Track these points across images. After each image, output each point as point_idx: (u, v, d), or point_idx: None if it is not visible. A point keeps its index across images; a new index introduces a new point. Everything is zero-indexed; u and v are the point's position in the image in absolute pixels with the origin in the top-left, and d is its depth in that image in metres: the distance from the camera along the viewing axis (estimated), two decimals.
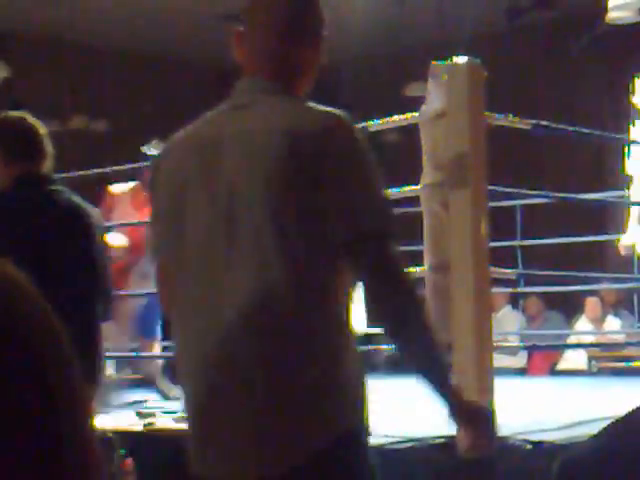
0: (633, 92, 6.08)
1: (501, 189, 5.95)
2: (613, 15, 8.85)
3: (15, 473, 0.69)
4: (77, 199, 3.74)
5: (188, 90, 11.38)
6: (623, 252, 5.71)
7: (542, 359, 8.82)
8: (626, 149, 5.84)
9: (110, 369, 7.56)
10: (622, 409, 1.29)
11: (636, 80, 6.16)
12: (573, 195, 6.18)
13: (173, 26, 10.22)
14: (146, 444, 3.98)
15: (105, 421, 4.09)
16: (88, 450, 0.75)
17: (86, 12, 9.69)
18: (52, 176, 3.82)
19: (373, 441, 3.84)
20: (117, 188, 6.36)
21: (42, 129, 3.86)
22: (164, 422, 4.09)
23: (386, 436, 3.90)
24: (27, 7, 9.58)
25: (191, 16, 9.97)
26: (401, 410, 5.19)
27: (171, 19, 10.03)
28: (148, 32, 10.36)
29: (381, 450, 3.73)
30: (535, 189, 6.32)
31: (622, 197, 7.24)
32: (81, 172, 6.18)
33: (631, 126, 5.96)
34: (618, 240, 5.79)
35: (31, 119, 3.79)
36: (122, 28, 10.24)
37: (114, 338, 5.46)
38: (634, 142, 5.57)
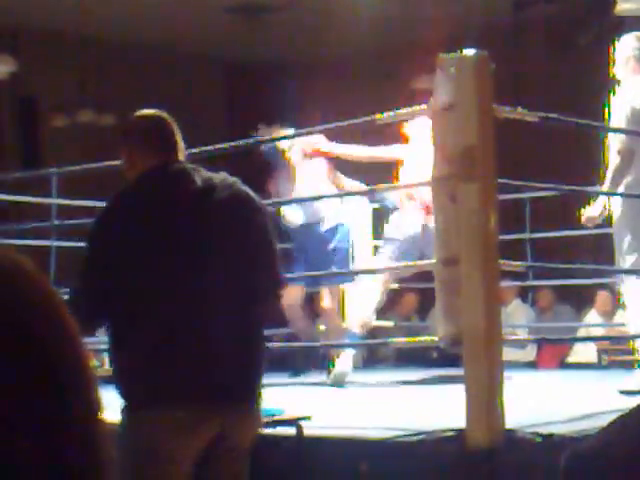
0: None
1: (510, 181, 5.94)
2: (622, 7, 8.82)
3: (19, 456, 0.70)
4: None
5: (196, 84, 11.38)
6: (588, 223, 5.65)
7: (552, 352, 8.80)
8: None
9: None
10: (632, 402, 1.29)
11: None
12: (583, 187, 6.16)
13: (181, 20, 10.21)
14: None
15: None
16: (95, 437, 0.75)
17: (94, 6, 9.69)
18: None
19: (381, 434, 3.85)
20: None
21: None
22: None
23: (395, 429, 3.90)
24: (34, 2, 9.59)
25: (199, 10, 9.96)
26: (409, 403, 5.19)
27: (179, 13, 10.02)
28: (156, 26, 10.36)
29: (390, 443, 3.73)
30: (544, 182, 6.30)
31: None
32: (92, 165, 6.16)
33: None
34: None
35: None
36: (130, 22, 10.24)
37: None
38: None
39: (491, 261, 3.69)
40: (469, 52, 3.74)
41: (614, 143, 5.47)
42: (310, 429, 3.90)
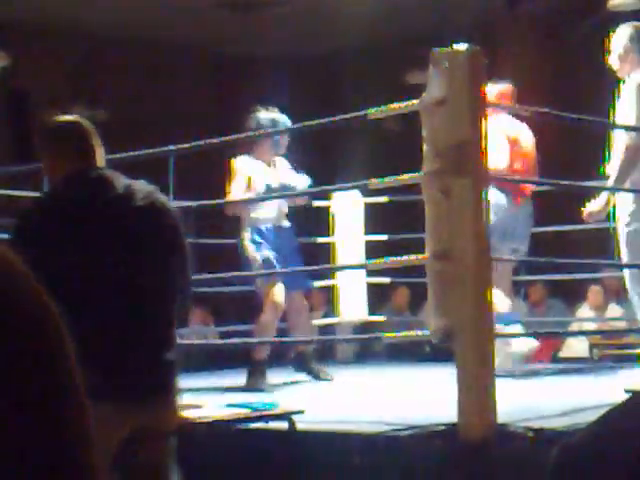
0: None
1: (502, 177, 5.94)
2: (615, 2, 8.83)
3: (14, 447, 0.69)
4: None
5: (189, 78, 11.37)
6: (589, 218, 5.54)
7: (544, 346, 8.81)
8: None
9: None
10: (623, 396, 1.29)
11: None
12: (577, 182, 6.16)
13: (174, 14, 10.20)
14: None
15: None
16: (89, 434, 0.75)
17: (86, 0, 9.67)
18: None
19: (374, 429, 3.86)
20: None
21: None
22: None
23: (387, 424, 3.90)
24: None
25: (191, 3, 9.95)
26: (402, 397, 5.20)
27: (172, 7, 10.01)
28: (148, 20, 10.34)
29: (382, 437, 3.73)
30: (538, 176, 6.30)
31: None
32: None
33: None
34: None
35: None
36: (122, 16, 10.22)
37: None
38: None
39: (483, 255, 3.70)
40: (462, 47, 3.74)
41: (622, 138, 5.39)
42: (302, 423, 3.91)
